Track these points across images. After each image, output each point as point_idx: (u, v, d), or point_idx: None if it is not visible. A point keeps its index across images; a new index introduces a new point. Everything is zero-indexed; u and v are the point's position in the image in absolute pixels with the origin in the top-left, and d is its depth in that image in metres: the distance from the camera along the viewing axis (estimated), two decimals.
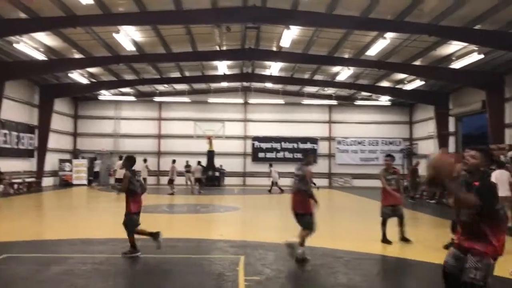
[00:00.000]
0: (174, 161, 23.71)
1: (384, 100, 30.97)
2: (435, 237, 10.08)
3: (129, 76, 26.35)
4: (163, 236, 7.99)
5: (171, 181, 22.68)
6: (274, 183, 24.58)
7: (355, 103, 31.69)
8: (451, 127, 26.35)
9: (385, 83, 26.74)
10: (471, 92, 22.91)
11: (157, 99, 31.17)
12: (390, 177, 9.36)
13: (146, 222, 12.53)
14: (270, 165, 26.20)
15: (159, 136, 31.94)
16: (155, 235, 7.85)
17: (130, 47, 19.12)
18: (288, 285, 6.01)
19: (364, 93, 30.12)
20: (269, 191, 24.32)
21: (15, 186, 22.07)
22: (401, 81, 25.69)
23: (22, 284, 5.92)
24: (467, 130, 26.46)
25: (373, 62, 21.21)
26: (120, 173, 22.78)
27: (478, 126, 23.78)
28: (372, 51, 19.15)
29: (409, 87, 25.44)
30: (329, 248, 8.54)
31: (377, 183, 31.12)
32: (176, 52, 21.28)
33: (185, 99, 31.17)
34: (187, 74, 26.70)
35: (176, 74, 26.58)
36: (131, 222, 7.72)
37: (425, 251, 8.42)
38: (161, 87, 30.11)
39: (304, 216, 7.43)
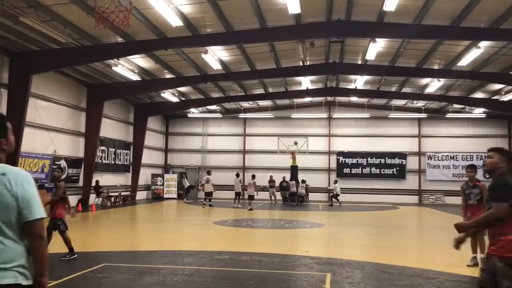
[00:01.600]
0: (253, 177, 24.02)
1: (478, 112, 29.08)
2: None
3: (215, 94, 27.33)
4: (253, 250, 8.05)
5: (251, 197, 22.95)
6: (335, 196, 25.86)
7: (447, 116, 30.09)
8: None
9: (479, 95, 25.17)
10: None
11: (242, 115, 31.92)
12: (469, 191, 8.42)
13: (231, 235, 12.80)
14: (335, 182, 27.41)
15: (244, 152, 32.61)
16: None
17: (216, 66, 19.85)
18: None
19: (456, 106, 28.53)
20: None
21: (112, 199, 23.62)
22: (497, 92, 24.05)
23: None
24: None
25: (465, 73, 20.09)
26: (208, 187, 23.66)
27: None
28: (464, 61, 18.16)
29: (507, 98, 23.70)
30: (420, 269, 8.13)
31: None
32: (260, 69, 21.72)
33: (269, 115, 31.61)
34: (270, 90, 27.12)
35: (260, 91, 27.10)
36: None
37: None
38: (245, 104, 30.84)
39: None
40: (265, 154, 31.79)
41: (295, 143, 28.41)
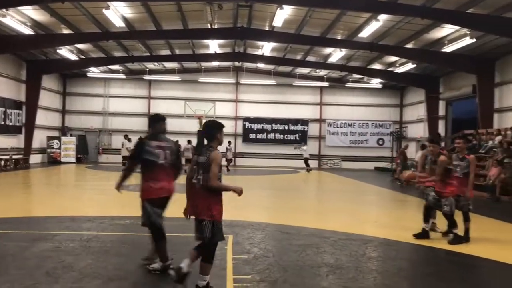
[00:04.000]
0: (189, 142, 24.77)
1: (375, 82, 30.94)
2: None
3: (118, 53, 25.98)
4: None
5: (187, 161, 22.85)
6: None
7: (346, 85, 31.64)
8: (441, 111, 26.47)
9: (377, 66, 26.69)
10: (462, 76, 22.97)
11: (146, 77, 30.84)
12: (457, 163, 7.97)
13: (127, 201, 12.48)
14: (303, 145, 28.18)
15: (149, 115, 31.63)
16: None
17: (119, 24, 18.80)
18: (275, 264, 6.02)
19: (355, 76, 30.04)
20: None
21: (2, 162, 21.85)
22: (393, 64, 25.67)
23: (10, 260, 5.87)
24: (457, 114, 26.61)
25: (365, 44, 21.10)
26: (124, 151, 22.77)
27: (468, 111, 23.89)
28: (365, 33, 19.04)
29: (400, 70, 25.43)
30: (316, 229, 8.59)
31: (366, 165, 31.46)
32: (166, 30, 20.98)
33: (176, 77, 30.90)
34: (177, 52, 26.40)
35: (166, 52, 26.26)
36: None
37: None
38: (151, 65, 29.75)
39: None
40: (171, 118, 31.03)
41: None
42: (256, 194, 15.58)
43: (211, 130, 4.86)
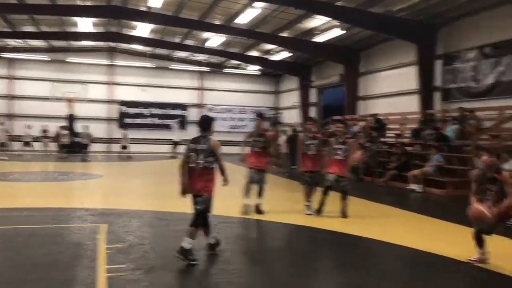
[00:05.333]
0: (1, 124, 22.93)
1: (253, 69, 31.69)
2: (288, 199, 10.67)
3: None
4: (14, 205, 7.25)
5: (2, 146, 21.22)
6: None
7: (225, 71, 31.95)
8: (313, 98, 28.07)
9: (254, 53, 27.30)
10: (332, 66, 24.52)
11: (6, 55, 27.85)
12: (310, 142, 8.71)
13: None
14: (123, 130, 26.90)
15: (10, 97, 28.71)
16: None
17: None
18: (151, 251, 5.89)
19: (234, 62, 30.45)
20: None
21: None
22: (269, 52, 26.47)
23: None
24: (327, 101, 28.41)
25: (242, 31, 21.42)
26: None
27: (336, 98, 25.63)
28: (242, 19, 19.32)
29: (276, 57, 26.35)
30: (191, 214, 8.53)
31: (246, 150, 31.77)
32: (30, 3, 19.11)
33: (43, 57, 28.38)
34: (44, 29, 24.21)
35: (31, 28, 23.93)
36: None
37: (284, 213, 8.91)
38: (12, 42, 26.90)
39: None
40: (38, 100, 28.58)
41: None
42: (133, 181, 15.10)
43: (209, 122, 5.95)
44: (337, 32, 19.06)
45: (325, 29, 19.86)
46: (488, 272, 5.36)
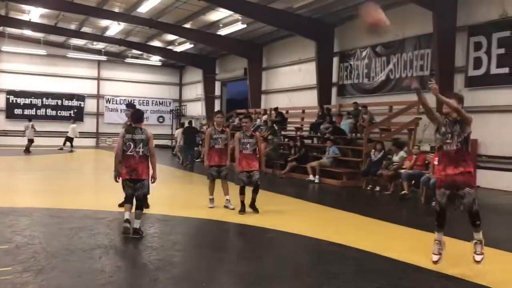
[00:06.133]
0: None
1: (155, 60, 30.90)
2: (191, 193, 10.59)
3: None
4: None
5: None
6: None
7: (126, 60, 30.77)
8: (217, 91, 28.11)
9: (156, 43, 26.63)
10: (236, 59, 24.73)
11: None
12: (218, 136, 8.54)
13: None
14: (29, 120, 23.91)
15: None
16: None
17: None
18: (41, 251, 5.48)
19: (135, 52, 29.43)
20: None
21: None
22: (172, 43, 25.97)
23: None
24: (231, 94, 28.62)
25: (144, 20, 20.78)
26: None
27: (241, 92, 25.91)
28: (144, 8, 18.74)
29: (179, 49, 25.95)
30: (92, 210, 8.16)
31: None
32: None
33: None
34: None
35: None
36: None
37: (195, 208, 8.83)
38: None
39: None
40: None
41: None
42: (21, 176, 14.02)
43: (141, 114, 6.76)
44: (239, 26, 19.23)
45: (228, 22, 19.93)
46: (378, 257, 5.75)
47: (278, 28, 18.89)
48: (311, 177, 13.76)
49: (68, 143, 24.60)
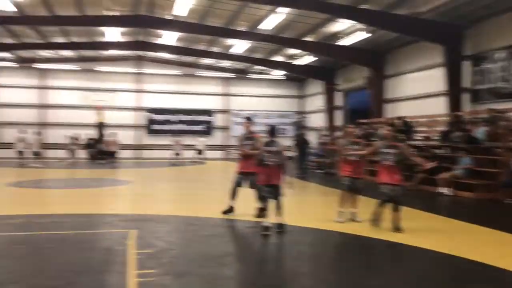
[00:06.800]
0: (38, 133, 23.56)
1: (278, 74, 31.75)
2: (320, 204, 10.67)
3: (7, 40, 23.86)
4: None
5: (37, 154, 22.37)
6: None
7: (249, 76, 32.15)
8: (339, 102, 27.90)
9: (279, 58, 27.37)
10: (357, 69, 24.35)
11: (39, 65, 28.70)
12: (351, 146, 8.55)
13: (28, 197, 11.68)
14: (175, 137, 25.84)
15: (43, 106, 29.60)
16: None
17: (9, 7, 17.31)
18: (180, 256, 5.99)
19: (258, 67, 30.60)
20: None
21: None
22: (293, 56, 26.48)
23: None
24: (353, 104, 28.15)
25: (267, 36, 21.53)
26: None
27: (362, 101, 25.38)
28: (267, 25, 19.43)
29: (301, 62, 26.34)
30: (220, 218, 8.66)
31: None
32: (61, 15, 19.68)
33: (73, 66, 29.15)
34: (74, 39, 24.90)
35: (62, 39, 24.66)
36: None
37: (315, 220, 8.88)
38: (44, 53, 27.75)
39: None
40: (68, 109, 29.42)
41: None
42: (161, 186, 15.33)
43: (275, 130, 7.81)
44: (362, 35, 18.95)
45: (349, 32, 19.76)
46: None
47: (403, 34, 18.22)
48: (442, 189, 12.96)
49: (197, 155, 26.40)
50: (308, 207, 11.04)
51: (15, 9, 17.98)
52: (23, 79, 29.38)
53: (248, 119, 9.25)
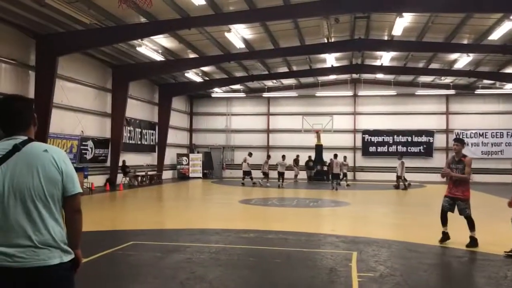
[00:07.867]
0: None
1: (510, 88, 28.16)
2: None
3: (239, 73, 27.21)
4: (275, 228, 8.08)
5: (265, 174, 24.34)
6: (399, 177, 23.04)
7: (476, 92, 29.29)
8: None
9: (511, 70, 24.33)
10: None
11: (265, 94, 31.76)
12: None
13: (256, 214, 12.87)
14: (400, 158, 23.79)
15: (268, 131, 32.56)
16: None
17: (240, 45, 19.71)
18: (403, 284, 5.73)
19: (486, 81, 27.71)
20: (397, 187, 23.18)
21: (139, 178, 24.00)
22: None
23: (148, 269, 6.39)
24: None
25: (496, 47, 19.41)
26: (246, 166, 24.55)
27: None
28: (496, 35, 17.54)
29: None
30: (444, 247, 8.02)
31: (501, 178, 28.40)
32: (283, 47, 21.46)
33: (293, 93, 31.36)
34: (294, 68, 26.85)
35: (284, 69, 26.87)
36: None
37: None
38: (269, 83, 30.62)
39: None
40: (289, 133, 31.67)
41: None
42: (378, 209, 15.07)
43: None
44: None
45: None
46: None
47: None
48: None
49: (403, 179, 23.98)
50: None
51: (244, 46, 20.32)
52: (251, 107, 32.95)
53: (459, 141, 8.55)
